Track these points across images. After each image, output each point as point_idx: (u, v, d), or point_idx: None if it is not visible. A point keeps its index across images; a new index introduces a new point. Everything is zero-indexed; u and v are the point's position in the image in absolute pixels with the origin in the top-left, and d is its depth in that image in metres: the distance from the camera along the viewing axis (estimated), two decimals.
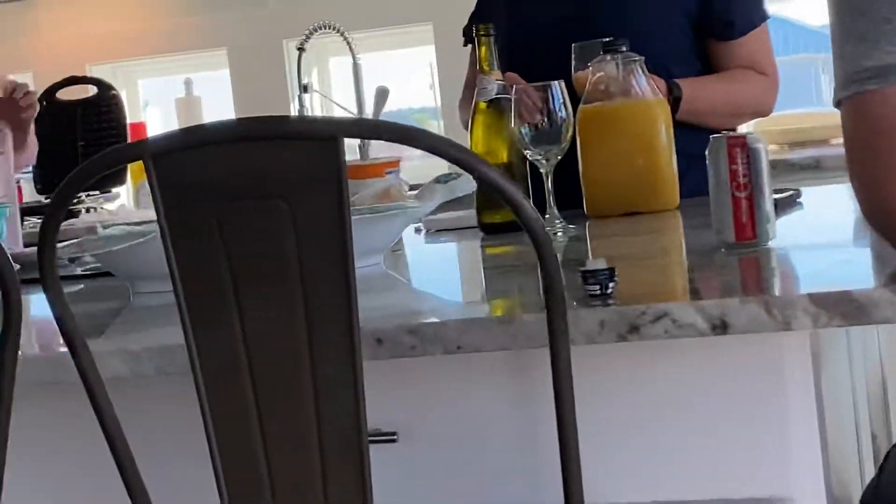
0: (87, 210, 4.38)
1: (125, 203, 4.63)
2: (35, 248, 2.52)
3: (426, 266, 2.28)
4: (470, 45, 2.93)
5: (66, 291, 1.39)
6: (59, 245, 2.49)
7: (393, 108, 4.55)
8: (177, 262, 1.30)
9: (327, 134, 1.25)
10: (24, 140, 3.28)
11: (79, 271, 2.53)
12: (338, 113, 4.77)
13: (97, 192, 4.50)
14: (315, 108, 4.70)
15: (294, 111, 4.75)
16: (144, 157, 1.28)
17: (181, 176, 1.28)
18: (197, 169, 1.27)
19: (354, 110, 4.45)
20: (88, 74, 4.69)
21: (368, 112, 4.43)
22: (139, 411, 1.56)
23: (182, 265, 1.30)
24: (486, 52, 2.42)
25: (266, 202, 1.27)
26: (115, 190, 4.56)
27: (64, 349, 1.40)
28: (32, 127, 3.35)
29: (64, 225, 4.35)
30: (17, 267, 2.66)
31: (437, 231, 2.58)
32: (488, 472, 1.61)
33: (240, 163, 1.27)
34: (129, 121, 4.54)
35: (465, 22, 2.94)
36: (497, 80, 2.41)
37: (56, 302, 1.38)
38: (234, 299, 1.29)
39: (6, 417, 1.41)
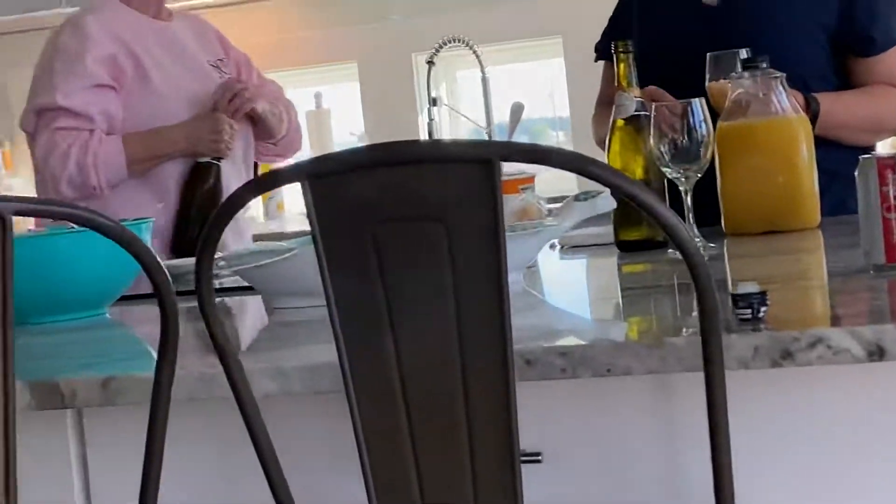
0: None
1: (254, 215, 4.69)
2: (176, 262, 2.57)
3: (563, 284, 2.28)
4: (602, 62, 2.93)
5: None
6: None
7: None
8: (332, 282, 1.31)
9: (483, 157, 1.25)
10: (270, 130, 3.16)
11: (216, 285, 2.57)
12: (465, 126, 4.79)
13: None
14: (443, 121, 4.72)
15: (423, 124, 4.78)
16: (301, 179, 1.30)
17: (337, 198, 1.29)
18: (353, 191, 1.29)
19: (483, 123, 4.47)
20: None
21: (498, 125, 4.45)
22: (287, 428, 1.57)
23: (337, 286, 1.31)
24: (624, 68, 2.41)
25: (421, 224, 1.28)
26: None
27: (215, 367, 1.42)
28: (286, 114, 3.22)
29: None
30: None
31: (572, 247, 2.57)
32: (633, 496, 1.60)
33: (395, 185, 1.28)
34: None
35: (595, 35, 2.93)
36: (636, 97, 2.40)
37: (211, 317, 1.39)
38: (389, 320, 1.30)
39: (162, 431, 1.44)
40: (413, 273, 1.29)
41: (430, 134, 4.36)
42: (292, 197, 4.75)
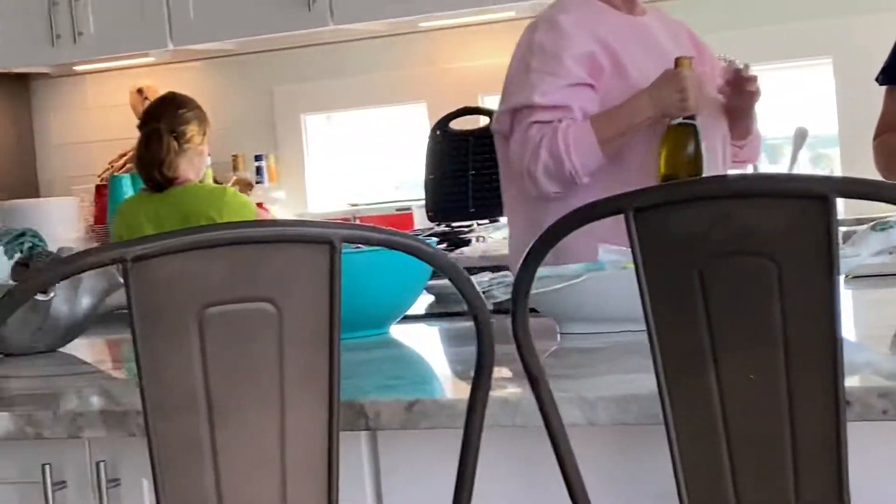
0: (478, 239, 4.48)
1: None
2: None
3: (854, 316, 2.22)
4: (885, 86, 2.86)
5: None
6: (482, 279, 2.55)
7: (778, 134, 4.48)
8: (654, 315, 1.30)
9: (818, 192, 1.23)
10: (747, 129, 2.97)
11: (490, 306, 2.58)
12: None
13: (486, 221, 4.59)
14: None
15: None
16: (626, 211, 1.29)
17: (664, 231, 1.28)
18: (680, 224, 1.27)
19: None
20: (480, 105, 4.79)
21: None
22: (593, 460, 1.56)
23: (659, 318, 1.30)
24: None
25: (751, 259, 1.26)
26: (502, 219, 4.64)
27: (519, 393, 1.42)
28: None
29: (455, 254, 4.43)
30: (432, 299, 2.76)
31: (856, 277, 2.50)
32: None
33: (725, 219, 1.26)
34: None
35: (866, 56, 2.85)
36: None
37: (526, 344, 1.40)
38: (712, 356, 1.29)
39: (474, 458, 1.44)
40: (740, 310, 1.27)
41: None
42: None
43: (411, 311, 2.41)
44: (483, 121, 4.65)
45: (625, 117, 2.75)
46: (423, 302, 2.80)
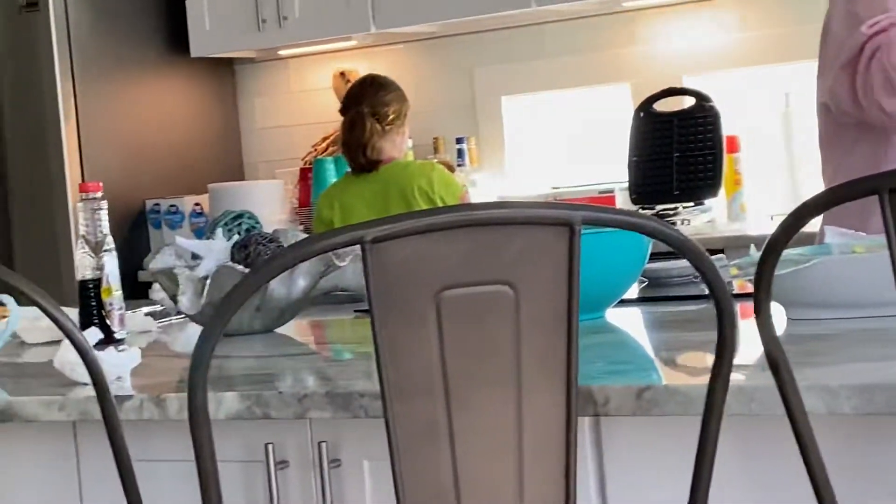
0: (682, 222, 4.42)
1: (714, 218, 4.62)
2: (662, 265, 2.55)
3: None
4: None
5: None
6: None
7: None
8: None
9: None
10: None
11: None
12: None
13: (691, 204, 4.52)
14: None
15: None
16: (881, 192, 1.24)
17: None
18: None
19: None
20: (685, 86, 4.72)
21: None
22: (833, 451, 1.50)
23: None
24: None
25: None
26: (707, 202, 4.57)
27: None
28: None
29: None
30: (644, 282, 2.71)
31: None
32: None
33: None
34: (724, 133, 4.53)
35: None
36: None
37: (768, 328, 1.35)
38: None
39: (713, 448, 1.41)
40: None
41: None
42: (756, 198, 4.66)
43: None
44: (687, 102, 4.58)
45: None
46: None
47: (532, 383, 1.33)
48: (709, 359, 1.58)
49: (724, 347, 1.40)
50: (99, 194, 2.47)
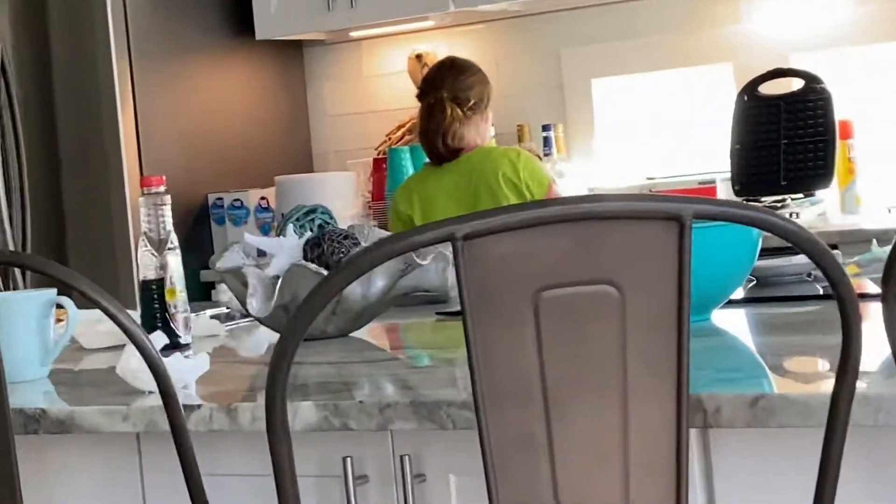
0: (791, 215, 4.38)
1: (825, 210, 4.59)
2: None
3: None
4: None
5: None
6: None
7: None
8: None
9: None
10: None
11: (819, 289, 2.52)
12: None
13: (801, 196, 4.49)
14: None
15: None
16: None
17: None
18: None
19: None
20: (792, 66, 4.68)
21: None
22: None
23: None
24: None
25: None
26: (818, 193, 4.53)
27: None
28: None
29: None
30: (751, 282, 2.70)
31: None
32: None
33: None
34: (837, 117, 4.49)
35: None
36: None
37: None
38: None
39: (837, 463, 1.40)
40: None
41: None
42: (871, 188, 4.61)
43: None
44: (795, 84, 4.55)
45: None
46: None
47: (638, 391, 1.33)
48: (823, 365, 1.57)
49: (849, 351, 1.39)
50: (162, 188, 2.49)
